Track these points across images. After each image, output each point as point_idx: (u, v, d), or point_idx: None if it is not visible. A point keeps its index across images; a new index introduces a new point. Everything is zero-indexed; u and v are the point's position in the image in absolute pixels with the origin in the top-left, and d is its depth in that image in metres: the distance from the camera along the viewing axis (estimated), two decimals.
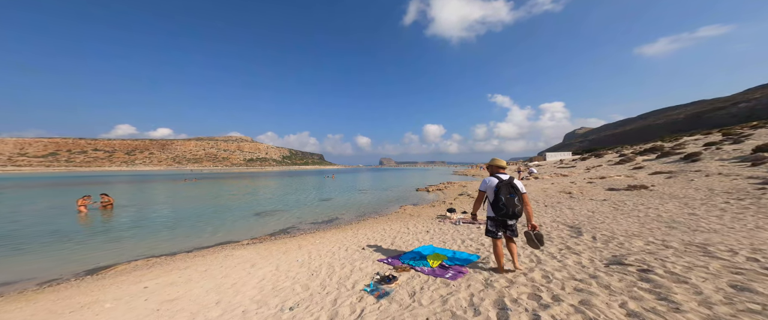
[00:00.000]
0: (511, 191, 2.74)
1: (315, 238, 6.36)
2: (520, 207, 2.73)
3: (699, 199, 6.43)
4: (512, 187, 2.76)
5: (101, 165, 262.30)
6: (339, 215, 10.31)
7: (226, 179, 42.11)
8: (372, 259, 4.08)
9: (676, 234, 3.87)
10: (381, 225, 7.65)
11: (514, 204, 2.69)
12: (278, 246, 5.77)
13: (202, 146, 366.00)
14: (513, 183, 2.78)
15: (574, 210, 6.51)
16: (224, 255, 5.41)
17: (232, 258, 5.02)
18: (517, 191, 2.76)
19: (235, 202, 14.66)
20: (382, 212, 10.87)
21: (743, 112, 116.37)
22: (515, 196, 2.73)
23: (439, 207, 10.50)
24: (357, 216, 9.94)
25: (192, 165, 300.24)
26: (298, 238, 6.69)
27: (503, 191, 2.73)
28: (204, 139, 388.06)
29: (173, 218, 9.99)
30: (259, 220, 9.46)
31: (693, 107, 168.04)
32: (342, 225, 8.45)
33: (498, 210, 2.77)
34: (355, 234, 6.43)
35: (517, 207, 2.71)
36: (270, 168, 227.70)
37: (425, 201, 13.71)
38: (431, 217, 8.21)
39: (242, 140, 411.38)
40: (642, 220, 4.90)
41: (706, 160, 17.31)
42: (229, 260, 4.95)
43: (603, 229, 4.51)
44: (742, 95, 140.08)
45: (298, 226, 8.43)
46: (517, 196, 2.74)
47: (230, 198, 16.75)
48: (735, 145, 19.19)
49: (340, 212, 11.02)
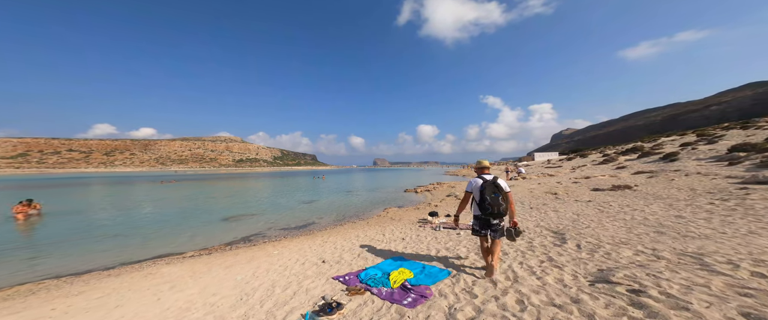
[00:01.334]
0: (495, 191, 2.80)
1: (275, 248, 5.70)
2: (504, 206, 2.78)
3: (683, 200, 6.22)
4: (496, 187, 2.81)
5: (76, 166, 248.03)
6: (316, 219, 9.63)
7: (210, 180, 40.29)
8: (327, 276, 3.50)
9: (666, 241, 3.50)
10: (357, 230, 7.07)
11: (498, 203, 2.75)
12: (225, 259, 5.08)
13: (188, 146, 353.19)
14: (497, 183, 2.83)
15: (559, 213, 6.16)
16: (144, 274, 4.65)
17: (152, 278, 4.29)
18: (500, 190, 2.81)
19: (208, 205, 13.68)
20: (363, 215, 10.28)
21: (715, 114, 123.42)
22: (499, 196, 2.78)
23: (423, 210, 10.03)
24: (335, 221, 9.30)
25: (177, 166, 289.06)
26: (255, 248, 5.99)
27: (488, 191, 2.80)
28: (190, 140, 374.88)
29: (120, 225, 8.89)
30: (224, 226, 8.63)
31: (669, 109, 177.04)
32: (315, 231, 7.79)
33: (483, 209, 2.82)
34: (323, 242, 5.82)
35: (502, 206, 2.76)
36: (260, 169, 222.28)
37: (411, 203, 13.23)
38: (412, 221, 7.71)
39: (231, 140, 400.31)
40: (628, 224, 4.56)
41: (683, 159, 17.73)
42: (146, 280, 4.21)
43: (588, 235, 4.11)
44: (714, 98, 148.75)
45: (265, 233, 7.68)
46: (501, 195, 2.78)
47: (205, 200, 15.69)
48: (709, 145, 19.85)
49: (319, 215, 10.35)
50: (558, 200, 8.21)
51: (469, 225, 6.26)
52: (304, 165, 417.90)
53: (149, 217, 10.20)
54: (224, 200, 15.88)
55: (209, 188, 25.77)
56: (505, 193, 2.80)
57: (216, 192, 21.03)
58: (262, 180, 39.59)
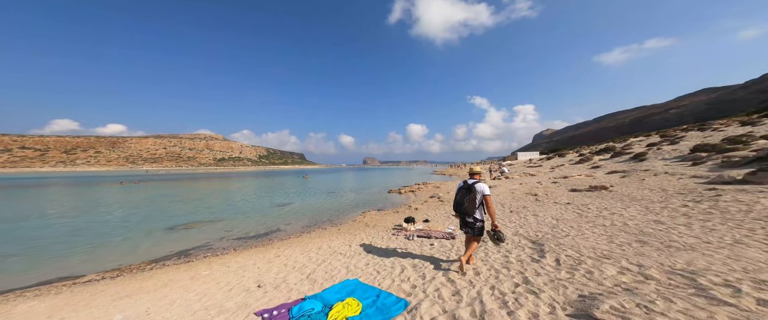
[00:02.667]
0: (465, 193, 3.13)
1: (210, 266, 4.82)
2: (466, 206, 3.09)
3: (657, 202, 6.12)
4: (467, 190, 3.12)
5: (30, 165, 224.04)
6: (283, 225, 8.75)
7: (182, 181, 37.46)
8: (250, 310, 2.78)
9: (651, 254, 3.14)
10: (322, 240, 6.34)
11: (462, 203, 3.12)
12: (126, 286, 4.12)
13: (162, 144, 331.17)
14: (469, 187, 3.12)
15: (539, 218, 5.82)
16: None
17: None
18: (470, 193, 3.09)
19: (164, 210, 12.25)
20: (337, 220, 9.54)
21: (674, 117, 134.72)
22: (467, 197, 3.09)
23: (402, 214, 9.48)
24: (303, 227, 8.48)
25: (149, 165, 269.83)
26: (182, 267, 5.05)
27: (460, 193, 3.20)
28: (165, 137, 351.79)
29: (19, 240, 7.14)
30: (166, 237, 7.48)
31: (636, 112, 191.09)
32: (274, 241, 6.93)
33: (454, 207, 3.30)
34: (275, 256, 5.05)
35: (464, 205, 3.10)
36: (243, 169, 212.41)
37: (392, 205, 12.66)
38: (387, 228, 7.11)
39: (212, 138, 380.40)
40: (609, 231, 4.23)
41: (651, 159, 18.61)
42: None
43: (568, 246, 3.70)
44: (674, 102, 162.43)
45: (213, 245, 6.69)
46: (467, 197, 3.09)
47: (165, 204, 14.15)
48: (672, 146, 21.09)
49: (288, 221, 9.45)
50: (538, 202, 7.97)
51: (444, 233, 5.75)
52: (291, 164, 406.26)
53: (74, 227, 8.62)
54: (187, 204, 14.41)
55: (177, 189, 23.70)
56: (474, 195, 3.03)
57: (183, 194, 19.27)
58: (242, 181, 37.42)
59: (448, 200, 11.25)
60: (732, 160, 11.15)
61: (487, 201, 2.99)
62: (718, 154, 13.16)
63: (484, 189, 3.02)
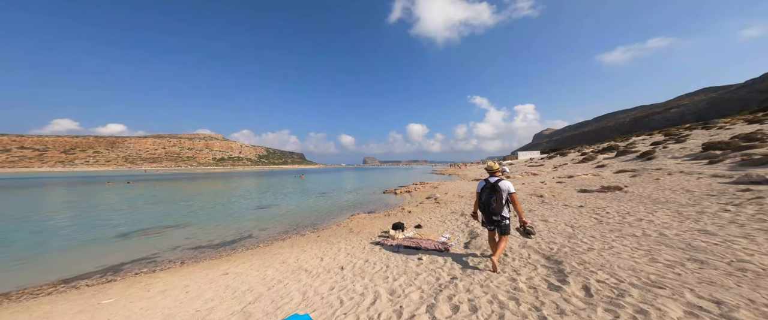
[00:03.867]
0: (491, 192, 3.09)
1: (126, 289, 3.81)
2: (494, 206, 3.04)
3: (688, 205, 5.22)
4: (493, 189, 3.08)
5: (29, 165, 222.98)
6: (257, 231, 7.77)
7: (177, 181, 36.51)
8: None
9: (723, 281, 2.22)
10: (292, 250, 5.42)
11: (490, 203, 3.07)
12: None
13: (161, 144, 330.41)
14: (494, 186, 3.07)
15: (549, 224, 4.90)
16: None
17: None
18: (496, 192, 3.04)
19: (131, 213, 11.27)
20: (320, 224, 8.60)
21: (675, 116, 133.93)
22: (493, 196, 3.05)
23: (394, 217, 8.55)
24: (279, 233, 7.51)
25: (149, 165, 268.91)
26: (89, 291, 3.99)
27: (485, 192, 3.15)
28: (164, 137, 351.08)
29: None
30: (109, 246, 6.37)
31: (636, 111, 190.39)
32: (236, 251, 5.94)
33: (480, 207, 3.25)
34: (220, 275, 4.09)
35: (492, 206, 3.05)
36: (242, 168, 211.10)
37: (385, 207, 11.74)
38: (373, 236, 6.19)
39: (212, 138, 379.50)
40: (644, 244, 3.32)
41: (660, 158, 17.69)
42: None
43: (596, 265, 2.79)
44: (674, 101, 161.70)
45: (158, 256, 5.57)
46: (494, 196, 3.05)
47: (138, 206, 13.19)
48: (679, 144, 20.21)
49: (265, 225, 8.48)
50: (545, 204, 7.06)
51: (437, 243, 4.83)
52: (291, 164, 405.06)
53: (16, 233, 7.59)
54: (165, 206, 13.45)
55: (166, 190, 22.76)
56: (501, 194, 3.00)
57: (168, 196, 18.32)
58: (236, 181, 36.47)
59: (446, 201, 10.33)
60: (753, 158, 10.27)
61: (513, 199, 2.98)
62: (734, 152, 12.29)
63: (509, 188, 3.00)
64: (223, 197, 17.35)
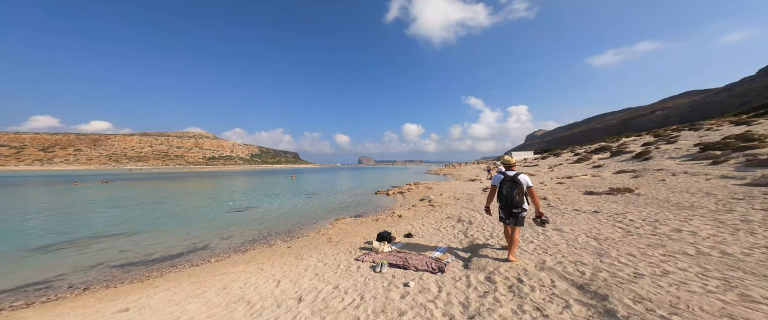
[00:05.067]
0: (511, 185, 3.15)
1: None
2: (517, 199, 3.11)
3: (722, 211, 4.46)
4: (514, 182, 3.15)
5: (4, 163, 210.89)
6: (217, 241, 6.59)
7: (159, 180, 34.46)
8: None
9: None
10: (245, 268, 4.36)
11: (512, 196, 3.13)
12: None
13: (148, 142, 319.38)
14: (515, 179, 3.15)
15: (566, 235, 4.02)
16: None
17: None
18: (517, 185, 3.13)
19: (74, 218, 9.79)
20: (297, 231, 7.53)
21: (659, 118, 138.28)
22: (515, 189, 3.12)
23: (382, 222, 7.58)
24: (244, 243, 6.38)
25: (134, 163, 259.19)
26: None
27: (505, 186, 3.20)
28: (151, 135, 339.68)
29: None
30: (16, 262, 5.10)
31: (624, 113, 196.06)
32: (176, 268, 4.81)
33: (500, 200, 3.28)
34: (118, 312, 2.97)
35: (515, 199, 3.11)
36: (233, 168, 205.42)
37: (375, 210, 10.75)
38: (354, 247, 5.20)
39: (202, 136, 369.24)
40: (707, 266, 2.45)
41: (657, 158, 17.36)
42: None
43: (663, 305, 1.89)
44: (659, 104, 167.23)
45: (65, 278, 4.27)
46: (516, 189, 3.12)
47: (91, 210, 11.72)
48: (670, 145, 20.09)
49: (230, 233, 7.31)
50: (552, 209, 6.23)
51: (429, 260, 3.88)
52: (285, 163, 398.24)
53: None
54: (127, 209, 12.02)
55: (142, 190, 21.06)
56: (521, 187, 3.10)
57: (141, 197, 16.76)
58: (224, 180, 34.70)
59: (440, 204, 9.43)
60: (759, 158, 9.83)
61: (531, 192, 3.10)
62: (735, 153, 11.93)
63: (528, 181, 3.12)
64: (200, 198, 15.96)
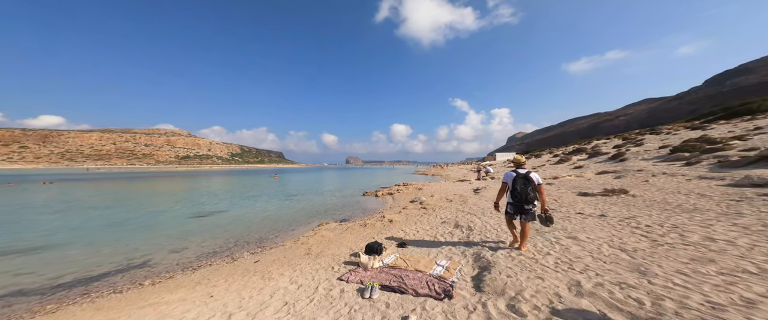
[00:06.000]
0: (525, 182, 3.35)
1: None
2: (532, 195, 3.30)
3: (732, 214, 4.21)
4: (526, 179, 3.36)
5: None
6: (163, 255, 5.37)
7: (119, 181, 30.74)
8: None
9: None
10: (186, 295, 3.35)
11: (527, 193, 3.30)
12: None
13: (111, 139, 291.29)
14: (528, 177, 3.37)
15: (585, 245, 3.48)
16: None
17: None
18: (530, 182, 3.34)
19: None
20: (269, 241, 6.47)
21: (623, 123, 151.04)
22: (529, 186, 3.32)
23: (371, 228, 6.75)
24: (197, 257, 5.23)
25: (93, 162, 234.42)
26: None
27: (519, 183, 3.38)
28: (115, 132, 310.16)
29: None
30: None
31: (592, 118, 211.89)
32: (89, 295, 3.57)
33: (514, 197, 3.40)
34: None
35: (530, 195, 3.29)
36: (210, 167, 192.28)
37: (362, 213, 9.88)
38: (339, 259, 4.35)
39: (175, 134, 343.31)
40: None
41: (631, 159, 18.23)
42: None
43: None
44: (622, 110, 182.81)
45: None
46: (530, 186, 3.32)
47: (28, 216, 9.72)
48: (638, 147, 21.43)
49: (185, 244, 6.08)
50: (555, 212, 5.78)
51: (429, 278, 3.12)
52: (268, 163, 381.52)
53: None
54: (72, 214, 10.12)
55: (92, 192, 18.33)
56: (535, 185, 3.33)
57: (94, 199, 14.43)
58: (198, 180, 31.76)
59: (433, 206, 8.79)
60: (730, 159, 10.37)
61: (540, 189, 3.32)
62: (705, 154, 12.64)
63: (538, 178, 3.34)
64: (162, 201, 14.04)
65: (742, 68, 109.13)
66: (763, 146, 11.61)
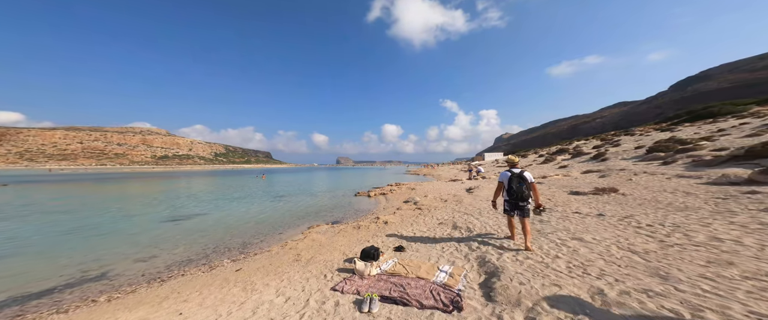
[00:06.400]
0: (520, 181, 3.59)
1: None
2: (527, 193, 3.54)
3: (725, 212, 4.26)
4: (521, 178, 3.60)
5: None
6: (127, 264, 4.73)
7: (90, 182, 28.17)
8: None
9: None
10: (149, 311, 2.86)
11: (522, 191, 3.54)
12: None
13: (78, 138, 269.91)
14: (522, 176, 3.61)
15: (593, 248, 3.33)
16: None
17: None
18: (524, 181, 3.58)
19: None
20: (254, 246, 5.94)
21: (599, 125, 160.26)
22: (523, 184, 3.57)
23: (365, 231, 6.39)
24: (172, 265, 4.64)
25: (57, 162, 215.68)
26: None
27: (514, 181, 3.62)
28: (82, 130, 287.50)
29: None
30: None
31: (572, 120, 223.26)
32: (25, 315, 3.05)
33: (510, 194, 3.63)
34: None
35: (525, 193, 3.53)
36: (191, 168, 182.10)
37: (355, 214, 9.48)
38: (331, 266, 3.97)
39: (151, 132, 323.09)
40: None
41: (612, 159, 19.08)
42: None
43: None
44: (598, 113, 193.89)
45: None
46: (524, 185, 3.56)
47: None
48: (616, 148, 22.59)
49: (154, 252, 5.41)
50: (552, 212, 5.71)
51: (433, 286, 2.82)
52: (255, 163, 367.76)
53: None
54: (23, 220, 8.94)
55: (56, 195, 16.54)
56: (529, 183, 3.57)
57: (53, 203, 12.93)
58: (177, 181, 29.77)
59: (428, 207, 8.57)
60: (704, 159, 11.00)
61: (533, 187, 3.58)
62: (679, 154, 13.38)
63: (531, 177, 3.60)
64: (132, 204, 12.86)
65: (702, 75, 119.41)
66: (731, 146, 12.43)
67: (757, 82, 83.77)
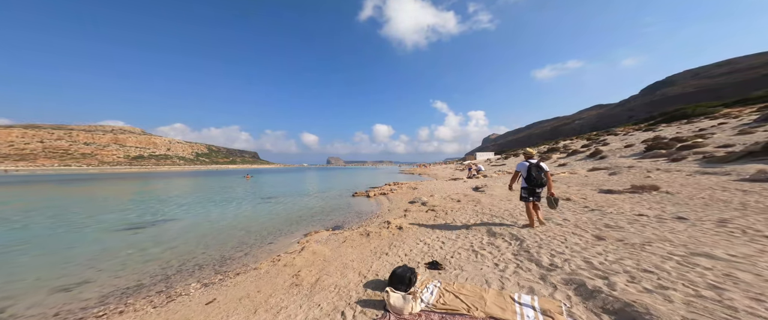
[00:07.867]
0: (538, 170, 4.09)
1: None
2: (544, 180, 4.04)
3: None
4: (538, 168, 4.10)
5: None
6: (45, 297, 3.27)
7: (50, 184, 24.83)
8: None
9: None
10: None
11: (541, 178, 4.03)
12: None
13: (38, 136, 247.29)
14: (539, 165, 4.14)
15: (680, 258, 2.35)
16: None
17: None
18: (542, 170, 4.10)
19: None
20: (235, 261, 4.56)
21: (578, 127, 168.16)
22: (542, 173, 4.06)
23: (376, 238, 5.17)
24: (106, 296, 3.20)
25: (13, 163, 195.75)
26: None
27: (533, 170, 4.08)
28: (43, 128, 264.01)
29: None
30: None
31: (554, 122, 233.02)
32: None
33: (530, 181, 4.05)
34: None
35: (543, 180, 4.04)
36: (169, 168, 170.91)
37: (358, 218, 8.22)
38: (348, 295, 2.73)
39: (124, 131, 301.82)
40: None
41: (610, 157, 19.01)
42: None
43: None
44: (577, 115, 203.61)
45: None
46: (542, 173, 4.06)
47: None
48: (605, 147, 22.85)
49: (92, 273, 3.92)
50: (590, 211, 4.77)
51: None
52: (241, 163, 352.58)
53: None
54: None
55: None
56: (546, 172, 4.07)
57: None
58: (154, 182, 26.88)
59: (443, 208, 7.45)
60: (715, 155, 10.75)
61: (548, 176, 4.06)
62: (685, 151, 13.24)
63: (547, 167, 4.14)
64: (89, 208, 10.81)
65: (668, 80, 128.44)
66: (735, 143, 12.36)
67: (716, 86, 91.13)
